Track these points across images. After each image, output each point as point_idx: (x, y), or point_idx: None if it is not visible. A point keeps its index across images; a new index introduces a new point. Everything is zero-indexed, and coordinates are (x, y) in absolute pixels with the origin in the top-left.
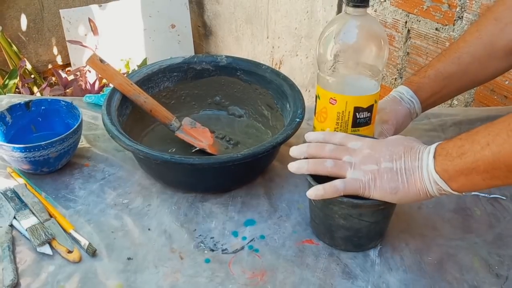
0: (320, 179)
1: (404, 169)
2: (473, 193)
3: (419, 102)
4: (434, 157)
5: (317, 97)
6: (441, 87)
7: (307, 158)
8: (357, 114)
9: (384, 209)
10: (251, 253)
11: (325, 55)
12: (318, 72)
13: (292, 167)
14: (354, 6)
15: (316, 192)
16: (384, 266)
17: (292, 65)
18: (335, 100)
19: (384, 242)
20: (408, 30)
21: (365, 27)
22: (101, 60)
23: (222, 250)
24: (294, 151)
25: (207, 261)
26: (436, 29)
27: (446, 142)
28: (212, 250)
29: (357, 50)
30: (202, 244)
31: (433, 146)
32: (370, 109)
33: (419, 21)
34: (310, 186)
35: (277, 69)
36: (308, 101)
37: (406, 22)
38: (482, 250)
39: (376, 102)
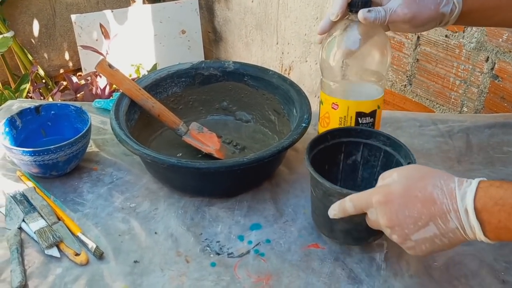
0: (323, 171)
1: (442, 234)
2: None
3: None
4: (482, 223)
5: (320, 102)
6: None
7: None
8: (359, 119)
9: None
10: (257, 257)
11: (328, 60)
12: (321, 77)
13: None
14: (357, 12)
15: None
16: (390, 271)
17: (302, 71)
18: (337, 105)
19: (390, 246)
20: (418, 37)
21: (368, 32)
22: (110, 66)
23: (228, 254)
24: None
25: (213, 264)
26: (446, 36)
27: (495, 206)
28: (218, 254)
29: (360, 56)
30: (208, 248)
31: (470, 208)
32: (372, 114)
33: None
34: (312, 177)
35: (286, 75)
36: (317, 107)
37: None
38: (489, 255)
39: (379, 107)
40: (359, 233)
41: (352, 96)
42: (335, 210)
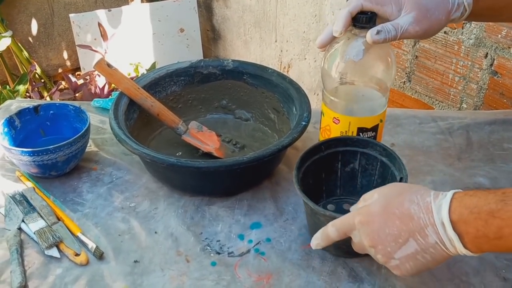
0: (319, 180)
1: (423, 250)
2: None
3: None
4: (460, 235)
5: (322, 113)
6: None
7: None
8: (360, 134)
9: None
10: (257, 256)
11: (330, 71)
12: (323, 90)
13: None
14: (361, 27)
15: None
16: None
17: (301, 69)
18: (338, 120)
19: None
20: None
21: (372, 46)
22: (109, 65)
23: (228, 253)
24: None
25: (213, 264)
26: (445, 32)
27: (471, 215)
28: (218, 253)
29: (364, 69)
30: (208, 247)
31: (446, 220)
32: (375, 128)
33: None
34: (305, 202)
35: (285, 73)
36: (317, 104)
37: None
38: (489, 254)
39: (382, 121)
40: (348, 248)
41: (354, 112)
42: (317, 240)
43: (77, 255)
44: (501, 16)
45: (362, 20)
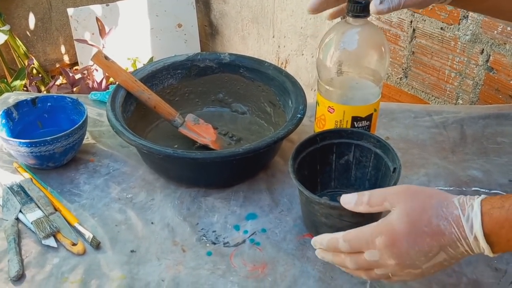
0: (314, 172)
1: (451, 258)
2: (473, 188)
3: None
4: (490, 244)
5: (317, 103)
6: None
7: None
8: (355, 123)
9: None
10: (252, 246)
11: (325, 61)
12: (318, 79)
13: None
14: (354, 16)
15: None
16: None
17: (298, 64)
18: (333, 109)
19: None
20: (414, 30)
21: (366, 35)
22: (106, 57)
23: (224, 243)
24: (319, 255)
25: (209, 254)
26: (441, 28)
27: (501, 229)
28: (214, 243)
29: (358, 58)
30: (204, 238)
31: (479, 234)
32: (369, 118)
33: (425, 21)
34: (300, 191)
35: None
36: (314, 99)
37: (411, 22)
38: None
39: (376, 110)
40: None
41: (348, 101)
42: (324, 253)
43: (74, 244)
44: (485, 3)
45: (356, 9)
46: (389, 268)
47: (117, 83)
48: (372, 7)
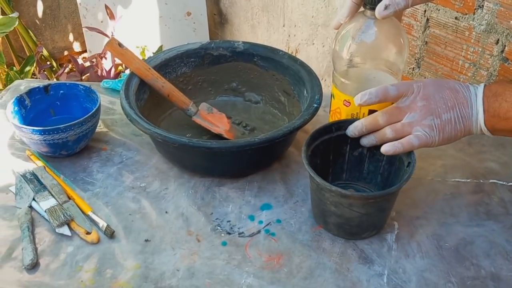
0: (327, 162)
1: (461, 117)
2: (491, 180)
3: None
4: (484, 111)
5: (332, 96)
6: None
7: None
8: None
9: (375, 202)
10: (268, 237)
11: (341, 53)
12: (333, 72)
13: (362, 143)
14: (372, 9)
15: (394, 149)
16: (401, 251)
17: (309, 54)
18: (349, 102)
19: (401, 228)
20: (427, 19)
21: (384, 27)
22: (120, 45)
23: (239, 234)
24: (350, 130)
25: (224, 244)
26: (456, 18)
27: (493, 97)
28: (229, 233)
29: (376, 50)
30: (218, 227)
31: (480, 96)
32: None
33: (439, 10)
34: (311, 177)
35: None
36: (324, 89)
37: (425, 11)
38: (500, 237)
39: (393, 103)
40: (351, 228)
41: None
42: (370, 94)
43: (88, 233)
44: None
45: (374, 1)
46: (416, 113)
47: (130, 71)
48: (377, 13)
